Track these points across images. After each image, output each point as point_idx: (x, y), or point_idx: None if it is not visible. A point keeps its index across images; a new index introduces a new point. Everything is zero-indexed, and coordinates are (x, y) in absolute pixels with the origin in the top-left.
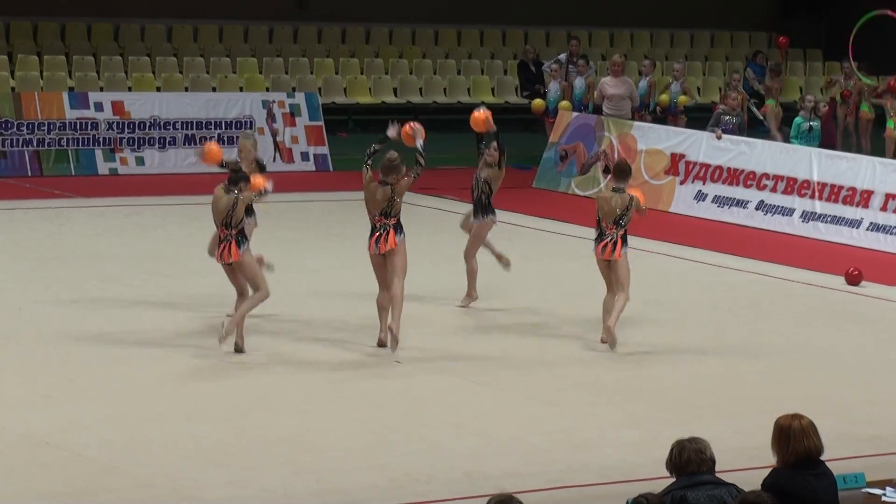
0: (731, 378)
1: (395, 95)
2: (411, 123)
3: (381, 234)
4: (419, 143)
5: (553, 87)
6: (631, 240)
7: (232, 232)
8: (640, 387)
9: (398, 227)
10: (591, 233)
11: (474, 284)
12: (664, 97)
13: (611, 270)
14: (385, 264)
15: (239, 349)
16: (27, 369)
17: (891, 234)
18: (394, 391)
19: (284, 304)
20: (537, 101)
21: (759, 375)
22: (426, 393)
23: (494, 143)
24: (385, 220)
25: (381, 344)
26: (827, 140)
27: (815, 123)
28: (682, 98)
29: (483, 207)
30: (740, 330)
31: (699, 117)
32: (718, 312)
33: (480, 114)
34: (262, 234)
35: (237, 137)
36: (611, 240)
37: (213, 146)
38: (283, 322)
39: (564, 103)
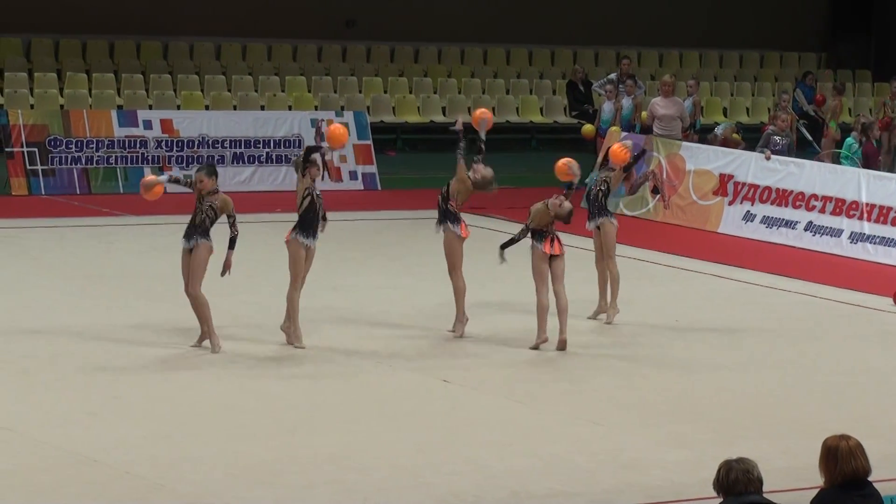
0: (778, 399)
1: (444, 114)
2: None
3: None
4: (483, 132)
5: (607, 108)
6: (679, 260)
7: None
8: (686, 407)
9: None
10: (643, 254)
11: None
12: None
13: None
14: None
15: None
16: (74, 387)
17: None
18: (439, 410)
19: (330, 324)
20: (588, 128)
21: (806, 396)
22: (471, 412)
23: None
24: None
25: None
26: (870, 161)
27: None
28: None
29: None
30: (788, 351)
31: (748, 138)
32: (766, 333)
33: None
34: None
35: (286, 156)
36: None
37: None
38: (329, 341)
39: (614, 128)
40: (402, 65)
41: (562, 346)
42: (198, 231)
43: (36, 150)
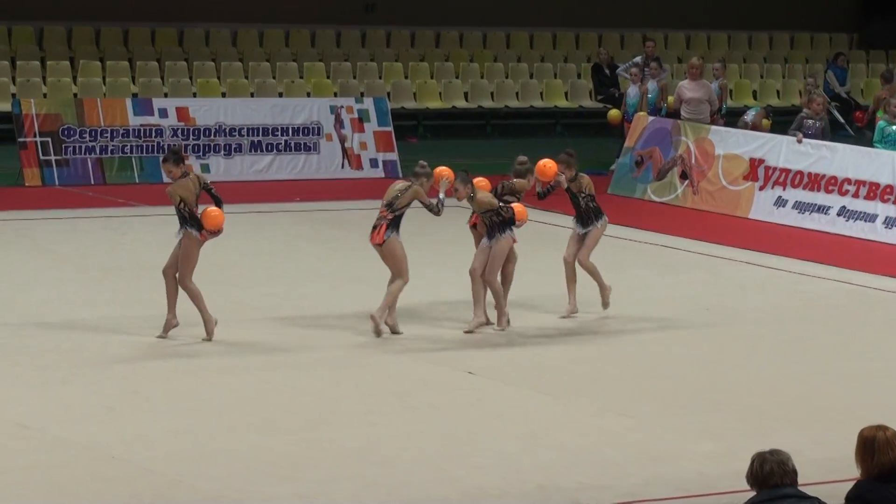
0: (812, 388)
1: (466, 100)
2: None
3: (376, 226)
4: (442, 193)
5: (632, 91)
6: (708, 247)
7: (388, 216)
8: (717, 397)
9: (392, 224)
10: (671, 240)
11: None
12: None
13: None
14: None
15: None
16: (91, 381)
17: None
18: (464, 402)
19: (353, 315)
20: (614, 113)
21: (841, 385)
22: (497, 404)
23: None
24: (385, 213)
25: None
26: None
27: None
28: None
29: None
30: (821, 338)
31: (779, 122)
32: (798, 321)
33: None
34: (330, 244)
35: (305, 144)
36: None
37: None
38: (351, 332)
39: (641, 113)
40: (423, 49)
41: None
42: (186, 222)
43: (49, 139)
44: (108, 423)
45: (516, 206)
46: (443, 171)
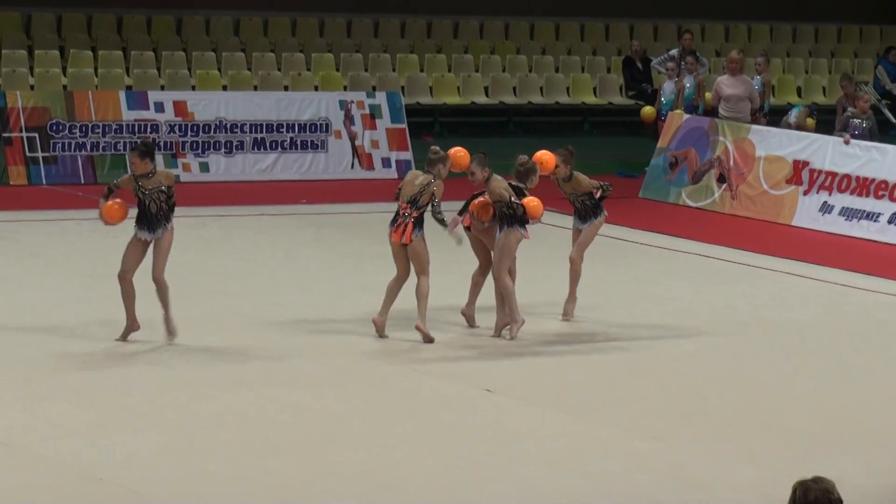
0: (859, 410)
1: (487, 95)
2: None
3: (400, 224)
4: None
5: (668, 87)
6: (747, 256)
7: (413, 213)
8: (756, 419)
9: (418, 222)
10: (708, 249)
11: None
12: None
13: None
14: (404, 255)
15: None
16: (78, 395)
17: None
18: (482, 422)
19: (360, 325)
20: (648, 110)
21: (891, 408)
22: (517, 424)
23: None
24: (409, 210)
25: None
26: None
27: None
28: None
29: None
30: (868, 356)
31: (824, 121)
32: (844, 336)
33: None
34: (338, 249)
35: (312, 142)
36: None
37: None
38: (358, 344)
39: (677, 111)
40: (441, 40)
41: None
42: (163, 220)
43: (36, 135)
44: (96, 441)
45: (530, 200)
46: (458, 151)
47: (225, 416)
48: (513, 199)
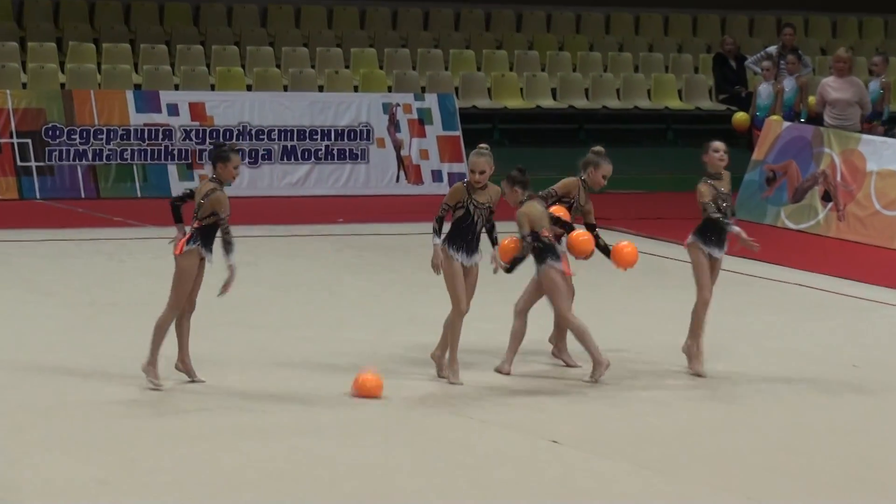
0: None
1: (554, 98)
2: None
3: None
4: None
5: (764, 90)
6: (857, 287)
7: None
8: (871, 477)
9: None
10: (810, 278)
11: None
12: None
13: None
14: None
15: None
16: (80, 446)
17: None
18: (548, 479)
19: (403, 365)
20: (740, 116)
21: None
22: (588, 481)
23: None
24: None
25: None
26: None
27: None
28: None
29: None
30: None
31: None
32: None
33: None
34: (381, 276)
35: (351, 151)
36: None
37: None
38: (402, 386)
39: (775, 117)
40: (501, 34)
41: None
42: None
43: (29, 141)
44: (99, 499)
45: (577, 235)
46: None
47: (248, 470)
48: (526, 234)
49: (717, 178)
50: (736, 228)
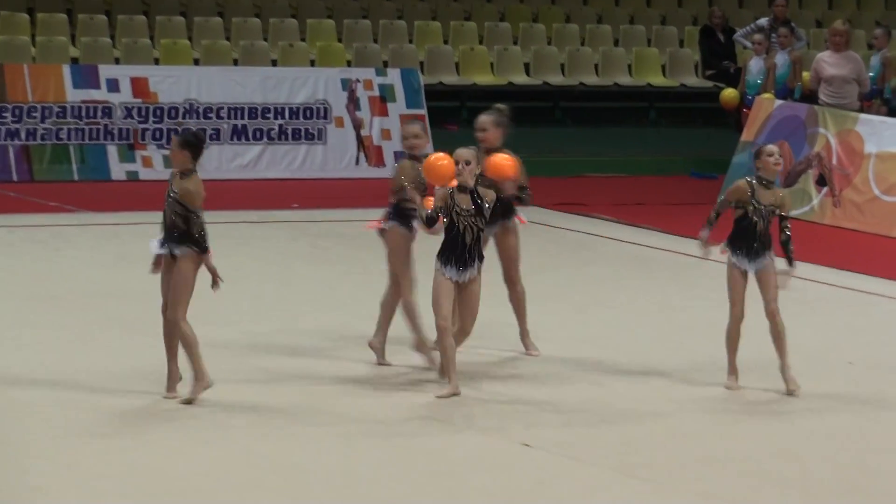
0: None
1: (528, 74)
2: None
3: None
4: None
5: (754, 66)
6: (853, 278)
7: None
8: (865, 483)
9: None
10: (804, 269)
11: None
12: None
13: None
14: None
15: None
16: (14, 451)
17: None
18: (521, 486)
19: (366, 364)
20: (729, 93)
21: None
22: (567, 489)
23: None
24: None
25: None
26: None
27: None
28: None
29: None
30: None
31: None
32: None
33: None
34: (340, 266)
35: (307, 130)
36: None
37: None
38: (366, 389)
39: (766, 95)
40: (470, 4)
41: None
42: (172, 237)
43: None
44: None
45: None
46: (438, 160)
47: (202, 477)
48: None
49: (766, 187)
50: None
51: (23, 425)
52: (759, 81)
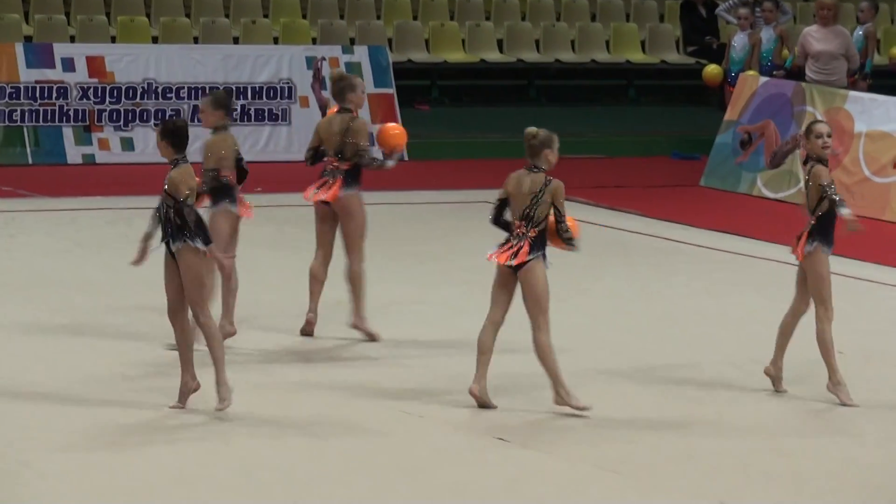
0: None
1: (501, 51)
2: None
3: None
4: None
5: (738, 42)
6: (843, 263)
7: (530, 232)
8: (856, 478)
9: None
10: (787, 253)
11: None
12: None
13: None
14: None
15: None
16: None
17: None
18: (496, 483)
19: (334, 354)
20: (712, 69)
21: None
22: (543, 486)
23: None
24: (524, 229)
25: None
26: None
27: None
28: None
29: None
30: None
31: None
32: None
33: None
34: (304, 253)
35: (271, 111)
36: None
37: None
38: (333, 380)
39: (750, 72)
40: None
41: None
42: (168, 232)
43: None
44: None
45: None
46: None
47: (157, 475)
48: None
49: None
50: (846, 210)
51: None
52: (743, 57)
